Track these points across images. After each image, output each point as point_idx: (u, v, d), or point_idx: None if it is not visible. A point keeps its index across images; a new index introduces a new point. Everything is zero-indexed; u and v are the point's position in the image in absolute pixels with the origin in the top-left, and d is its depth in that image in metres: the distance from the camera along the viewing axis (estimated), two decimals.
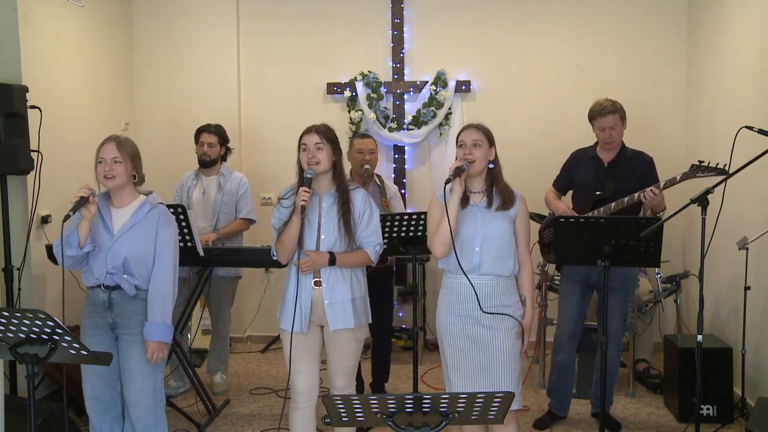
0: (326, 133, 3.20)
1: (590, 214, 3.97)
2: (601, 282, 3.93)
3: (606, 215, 3.88)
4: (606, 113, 4.00)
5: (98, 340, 3.10)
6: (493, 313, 3.01)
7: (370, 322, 3.35)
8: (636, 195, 3.84)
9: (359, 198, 3.24)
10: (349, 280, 3.22)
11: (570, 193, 4.30)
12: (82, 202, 2.96)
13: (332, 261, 3.15)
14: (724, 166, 3.57)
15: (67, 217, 2.93)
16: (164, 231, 3.14)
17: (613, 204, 3.93)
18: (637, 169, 4.04)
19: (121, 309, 3.11)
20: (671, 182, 3.79)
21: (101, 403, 3.15)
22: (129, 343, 3.12)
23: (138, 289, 3.11)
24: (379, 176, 4.61)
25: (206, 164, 4.78)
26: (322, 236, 3.19)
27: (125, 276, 3.08)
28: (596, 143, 4.17)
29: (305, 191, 3.07)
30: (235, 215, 4.81)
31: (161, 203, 3.22)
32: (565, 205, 4.18)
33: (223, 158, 4.87)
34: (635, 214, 3.95)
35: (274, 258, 3.27)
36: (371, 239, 3.25)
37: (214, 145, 4.76)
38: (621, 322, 4.09)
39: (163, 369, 3.23)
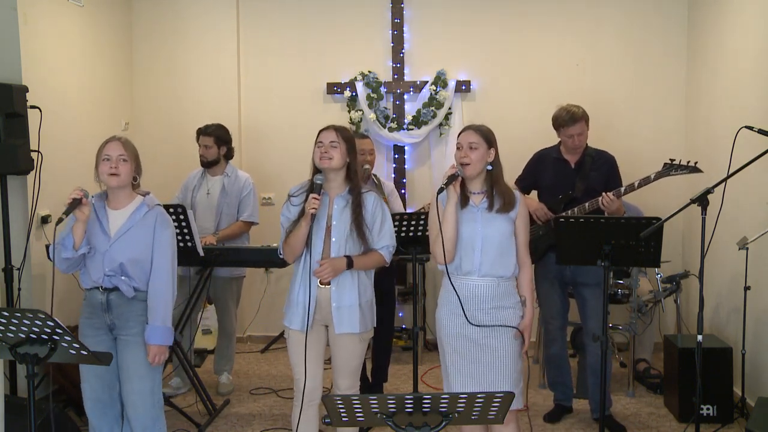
0: (343, 132, 3.20)
1: (568, 213, 4.02)
2: (574, 277, 4.11)
3: (605, 216, 3.89)
4: (574, 122, 4.05)
5: (97, 341, 3.10)
6: (490, 326, 3.02)
7: (375, 325, 3.34)
8: (599, 200, 3.90)
9: (371, 201, 3.22)
10: (357, 284, 3.20)
11: (534, 193, 4.36)
12: (75, 204, 2.94)
13: (350, 265, 3.14)
14: (695, 163, 3.68)
15: (60, 220, 2.92)
16: (162, 233, 3.13)
17: (587, 204, 3.99)
18: (602, 168, 4.12)
19: (119, 310, 3.10)
20: (645, 181, 3.85)
21: (100, 404, 3.15)
22: (127, 343, 3.11)
23: (136, 290, 3.10)
24: (375, 175, 4.62)
25: (206, 165, 4.76)
26: (333, 239, 3.16)
27: (123, 278, 3.07)
28: (559, 143, 4.22)
29: (315, 199, 3.05)
30: (237, 217, 4.76)
31: (159, 204, 3.21)
32: (537, 202, 4.20)
33: (227, 157, 4.79)
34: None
35: (281, 257, 3.26)
36: (384, 242, 3.24)
37: (210, 147, 4.70)
38: (600, 317, 4.11)
39: (161, 370, 3.23)
